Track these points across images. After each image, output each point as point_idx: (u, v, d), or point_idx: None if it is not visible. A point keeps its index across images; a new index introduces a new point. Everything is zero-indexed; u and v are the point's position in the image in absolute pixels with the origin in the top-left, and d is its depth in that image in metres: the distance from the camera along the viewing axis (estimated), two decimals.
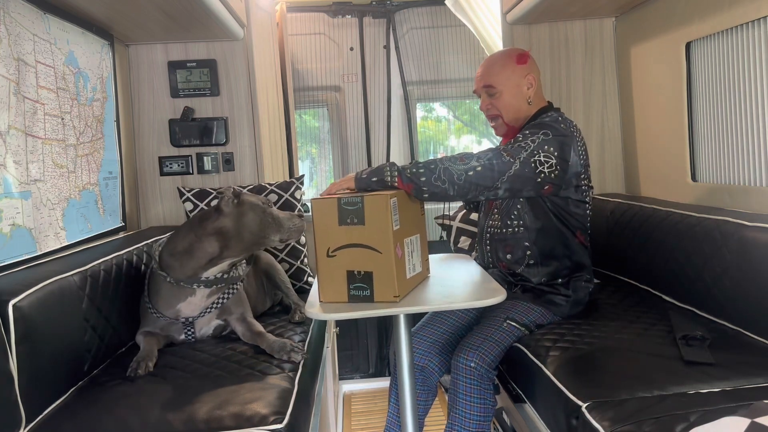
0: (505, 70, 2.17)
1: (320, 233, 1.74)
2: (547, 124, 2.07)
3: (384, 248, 1.70)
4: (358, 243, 1.71)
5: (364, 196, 1.70)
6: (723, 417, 1.28)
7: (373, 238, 1.70)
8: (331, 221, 1.72)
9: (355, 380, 4.13)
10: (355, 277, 1.72)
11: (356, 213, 1.70)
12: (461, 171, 1.92)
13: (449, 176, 1.91)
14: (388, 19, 4.11)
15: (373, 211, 1.70)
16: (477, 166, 1.93)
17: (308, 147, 4.39)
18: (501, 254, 2.21)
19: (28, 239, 1.92)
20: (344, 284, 1.73)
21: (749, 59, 2.17)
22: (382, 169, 1.92)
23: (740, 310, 1.92)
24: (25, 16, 1.98)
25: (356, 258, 1.71)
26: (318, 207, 1.75)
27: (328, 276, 1.74)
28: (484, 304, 1.70)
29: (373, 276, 1.70)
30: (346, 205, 1.71)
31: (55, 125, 2.14)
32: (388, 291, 1.70)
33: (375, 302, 1.71)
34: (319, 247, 1.74)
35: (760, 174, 2.18)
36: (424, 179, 1.90)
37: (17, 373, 1.51)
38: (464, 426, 1.96)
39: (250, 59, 3.06)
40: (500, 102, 2.18)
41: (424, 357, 2.16)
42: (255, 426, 1.52)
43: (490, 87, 2.18)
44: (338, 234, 1.72)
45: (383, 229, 1.70)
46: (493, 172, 1.94)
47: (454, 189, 1.93)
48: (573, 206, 2.14)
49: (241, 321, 2.14)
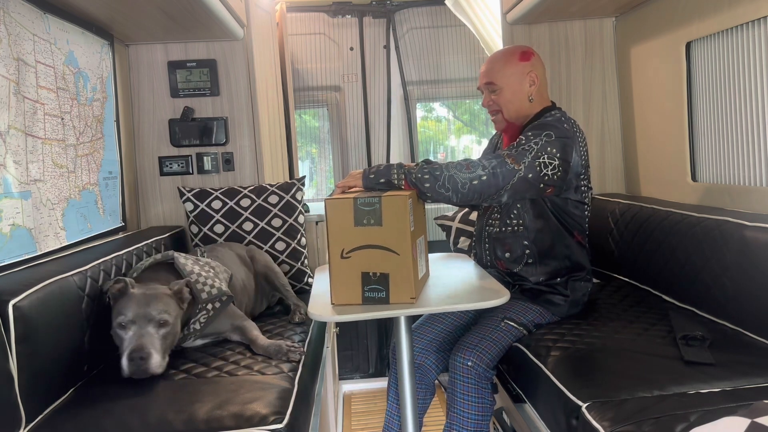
0: (507, 68, 2.17)
1: (334, 234, 1.69)
2: (550, 124, 2.07)
3: (402, 249, 1.67)
4: (374, 244, 1.68)
5: (382, 197, 1.68)
6: (723, 417, 1.28)
7: (391, 239, 1.67)
8: (347, 222, 1.68)
9: (355, 380, 4.13)
10: (370, 278, 1.68)
11: (373, 214, 1.67)
12: (466, 180, 1.92)
13: (453, 184, 1.91)
14: (388, 19, 4.11)
15: (391, 211, 1.67)
16: (482, 175, 1.93)
17: (308, 147, 4.39)
18: (499, 253, 2.21)
19: (28, 239, 1.92)
20: (358, 286, 1.69)
21: (749, 59, 2.17)
22: (389, 171, 1.91)
23: (740, 310, 1.92)
24: (24, 16, 1.98)
25: (372, 259, 1.68)
26: (333, 207, 1.70)
27: (342, 278, 1.70)
28: (488, 305, 1.70)
29: (389, 278, 1.68)
30: (363, 205, 1.68)
31: (55, 125, 2.14)
32: (405, 293, 1.68)
33: (390, 304, 1.68)
34: (333, 248, 1.70)
35: (760, 174, 2.18)
36: (428, 185, 1.90)
37: (17, 373, 1.51)
38: (463, 425, 1.96)
39: (250, 59, 3.05)
40: (501, 98, 2.18)
41: (422, 355, 2.16)
42: (255, 426, 1.52)
43: (491, 84, 2.18)
44: (354, 235, 1.68)
45: (401, 230, 1.67)
46: (497, 179, 1.94)
47: (457, 197, 1.92)
48: (572, 207, 2.14)
49: (235, 330, 2.14)
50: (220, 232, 2.77)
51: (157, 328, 1.81)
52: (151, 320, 1.80)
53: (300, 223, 2.83)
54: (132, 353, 1.73)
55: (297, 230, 2.82)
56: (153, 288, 1.90)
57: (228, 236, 2.77)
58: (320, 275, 2.13)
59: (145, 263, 2.16)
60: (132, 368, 1.72)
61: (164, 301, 1.86)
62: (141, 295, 1.85)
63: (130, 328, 1.79)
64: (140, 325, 1.79)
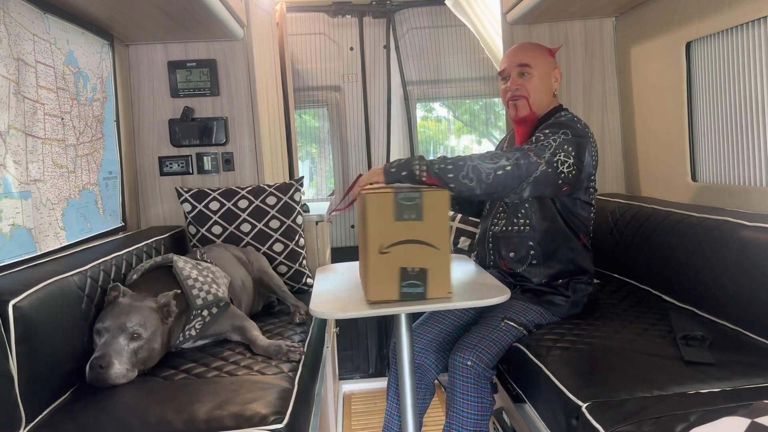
0: (541, 56, 2.19)
1: (373, 230, 1.68)
2: (566, 123, 2.08)
3: (441, 244, 1.68)
4: (414, 239, 1.67)
5: (423, 192, 1.68)
6: (723, 417, 1.28)
7: (431, 233, 1.68)
8: (387, 217, 1.67)
9: (355, 380, 4.13)
10: (408, 274, 1.68)
11: (414, 208, 1.67)
12: (490, 170, 1.89)
13: (477, 174, 1.88)
14: (388, 19, 4.11)
15: (432, 206, 1.67)
16: (506, 165, 1.91)
17: (308, 147, 4.39)
18: (504, 252, 2.21)
19: (28, 239, 1.92)
20: (395, 282, 1.68)
21: (749, 59, 2.17)
22: (411, 163, 1.89)
23: (740, 310, 1.92)
24: (24, 16, 1.98)
25: (411, 254, 1.67)
26: (374, 202, 1.68)
27: (379, 274, 1.68)
28: (487, 303, 1.70)
29: (427, 273, 1.68)
30: (404, 200, 1.67)
31: (55, 125, 2.14)
32: (442, 287, 1.69)
33: (427, 299, 1.69)
34: (371, 243, 1.68)
35: (760, 174, 2.18)
36: (452, 176, 1.86)
37: (17, 373, 1.51)
38: (462, 425, 1.96)
39: (250, 59, 3.05)
40: (530, 83, 2.17)
41: (421, 354, 2.16)
42: (255, 426, 1.52)
43: (525, 66, 2.16)
44: (393, 230, 1.67)
45: (441, 224, 1.68)
46: (521, 171, 1.92)
47: (481, 188, 1.89)
48: (580, 208, 2.14)
49: (235, 330, 2.13)
50: (217, 233, 2.77)
51: (128, 341, 1.80)
52: (123, 331, 1.80)
53: (298, 224, 2.83)
54: (93, 360, 1.74)
55: (295, 231, 2.81)
56: (140, 299, 1.90)
57: (226, 237, 2.76)
58: (321, 275, 2.13)
59: (145, 265, 2.16)
60: (91, 375, 1.73)
61: (144, 314, 1.85)
62: (125, 305, 1.86)
63: (103, 335, 1.80)
64: (113, 335, 1.79)
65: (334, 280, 2.07)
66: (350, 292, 1.86)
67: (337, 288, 1.94)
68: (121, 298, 1.89)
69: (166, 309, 1.93)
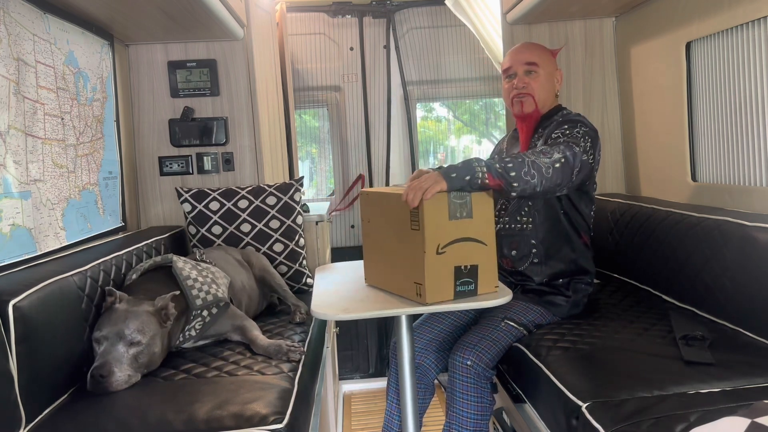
0: (546, 55, 2.24)
1: (431, 231, 1.67)
2: (577, 120, 2.11)
3: (489, 239, 1.72)
4: (466, 237, 1.70)
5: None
6: (723, 417, 1.28)
7: (480, 229, 1.71)
8: (442, 217, 1.68)
9: (355, 380, 4.13)
10: (462, 272, 1.70)
11: (465, 206, 1.70)
12: (548, 164, 1.88)
13: (538, 170, 1.85)
14: (388, 19, 4.11)
15: (481, 202, 1.71)
16: (561, 158, 1.90)
17: (308, 147, 4.39)
18: (506, 250, 2.22)
19: (28, 239, 1.92)
20: (451, 281, 1.69)
21: (749, 59, 2.17)
22: (472, 167, 1.78)
23: (740, 310, 1.92)
24: (24, 16, 1.98)
25: (463, 252, 1.70)
26: (431, 203, 1.67)
27: (436, 275, 1.68)
28: (489, 304, 1.70)
29: (478, 269, 1.71)
30: (456, 198, 1.69)
31: (55, 125, 2.14)
32: (490, 282, 1.73)
33: (478, 296, 1.71)
34: (429, 245, 1.67)
35: (760, 174, 2.18)
36: (515, 174, 1.81)
37: (17, 373, 1.51)
38: (462, 425, 1.96)
39: (250, 59, 3.05)
40: (537, 82, 2.20)
41: (421, 354, 2.16)
42: (255, 426, 1.52)
43: (533, 64, 2.20)
44: (448, 229, 1.69)
45: (489, 219, 1.72)
46: (571, 162, 1.93)
47: (542, 184, 1.86)
48: (584, 204, 2.16)
49: (235, 330, 2.13)
50: (217, 233, 2.77)
51: (127, 347, 1.79)
52: (122, 338, 1.79)
53: (298, 224, 2.83)
54: (93, 370, 1.73)
55: (295, 231, 2.81)
56: (137, 303, 1.89)
57: (226, 238, 2.76)
58: (321, 275, 2.13)
59: (144, 265, 2.16)
60: (92, 385, 1.72)
61: (142, 319, 1.84)
62: (122, 311, 1.84)
63: (102, 343, 1.79)
64: (111, 342, 1.78)
65: (335, 280, 2.07)
66: (351, 293, 1.86)
67: (339, 288, 1.94)
68: (117, 303, 1.88)
69: (164, 312, 1.92)
